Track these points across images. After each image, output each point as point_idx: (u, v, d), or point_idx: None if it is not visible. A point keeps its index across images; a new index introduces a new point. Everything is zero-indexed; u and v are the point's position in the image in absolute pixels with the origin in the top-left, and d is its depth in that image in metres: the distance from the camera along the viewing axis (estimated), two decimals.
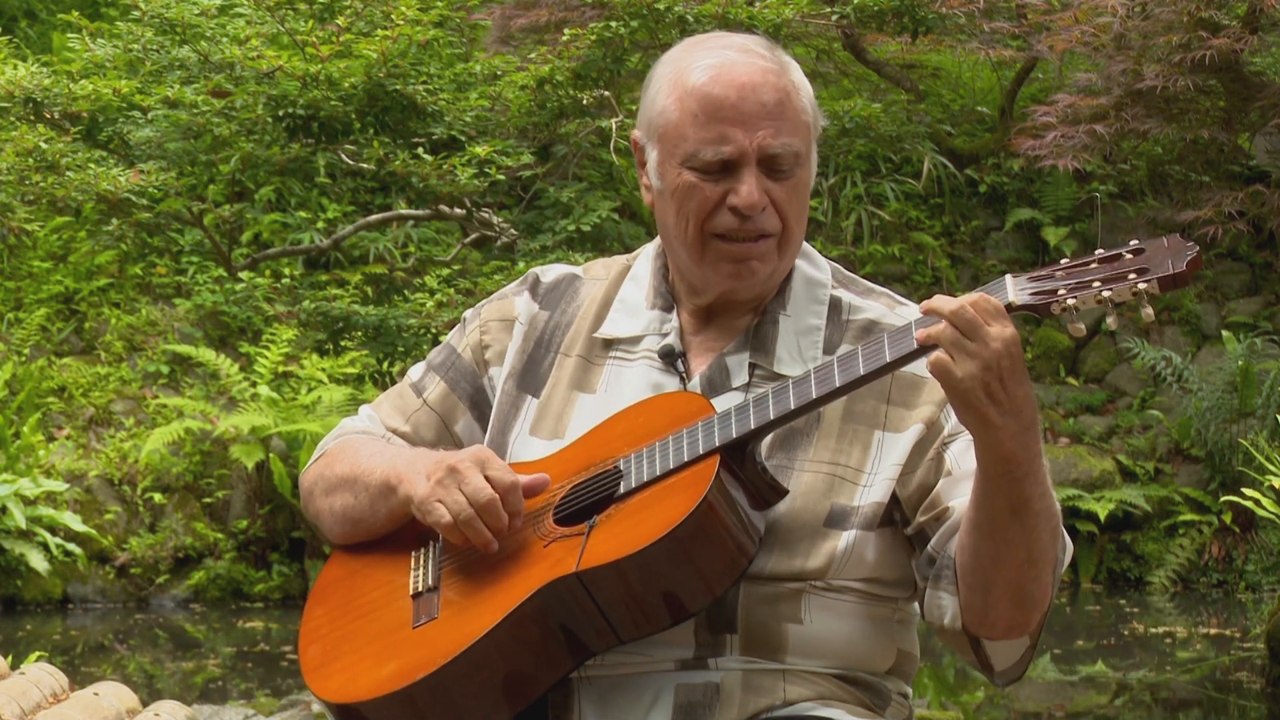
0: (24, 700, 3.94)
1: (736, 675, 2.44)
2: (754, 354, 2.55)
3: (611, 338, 2.62)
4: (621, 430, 2.50)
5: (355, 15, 9.69)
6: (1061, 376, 12.25)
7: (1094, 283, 2.28)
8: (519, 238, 10.65)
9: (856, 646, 2.50)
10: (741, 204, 2.47)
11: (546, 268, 2.75)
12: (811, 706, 2.45)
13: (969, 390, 2.27)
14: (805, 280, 2.60)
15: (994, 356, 2.26)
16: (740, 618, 2.44)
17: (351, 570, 2.62)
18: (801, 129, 2.52)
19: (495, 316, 2.71)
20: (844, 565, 2.46)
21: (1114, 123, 10.41)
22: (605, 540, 2.38)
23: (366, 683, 2.42)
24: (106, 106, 9.50)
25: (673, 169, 2.52)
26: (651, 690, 2.44)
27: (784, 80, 2.51)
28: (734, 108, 2.48)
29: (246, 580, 10.81)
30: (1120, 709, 8.45)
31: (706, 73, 2.50)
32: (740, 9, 9.60)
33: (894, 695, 2.57)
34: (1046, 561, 2.39)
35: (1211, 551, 11.13)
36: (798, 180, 2.51)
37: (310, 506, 2.70)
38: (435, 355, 2.74)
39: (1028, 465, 2.32)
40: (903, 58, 12.85)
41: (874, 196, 12.72)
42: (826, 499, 2.46)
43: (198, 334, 11.82)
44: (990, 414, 2.28)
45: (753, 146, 2.48)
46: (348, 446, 2.68)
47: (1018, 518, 2.34)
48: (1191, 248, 2.24)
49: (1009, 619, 2.43)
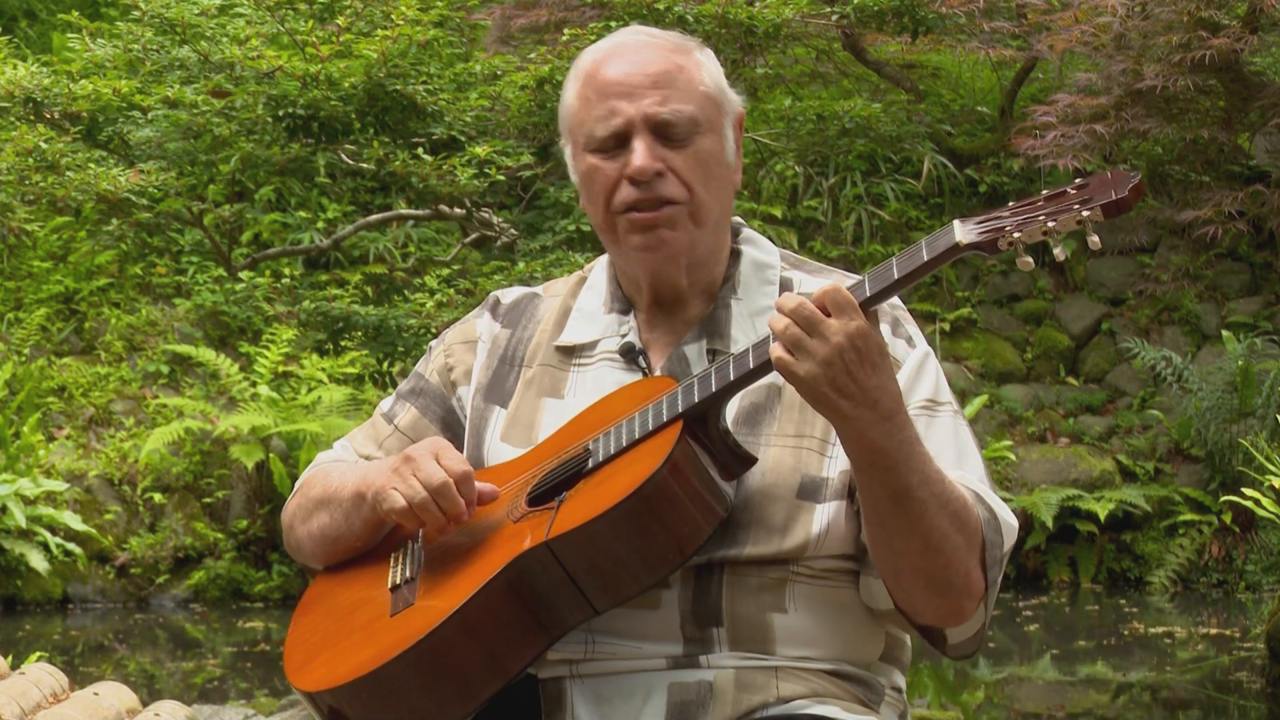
0: (24, 700, 3.94)
1: (729, 673, 2.44)
2: (710, 339, 2.57)
3: (571, 344, 2.65)
4: (593, 420, 2.53)
5: (355, 15, 9.69)
6: (1061, 376, 12.25)
7: (1039, 216, 2.29)
8: (519, 238, 10.65)
9: (844, 633, 2.50)
10: (634, 170, 2.49)
11: (506, 290, 2.78)
12: (806, 704, 2.46)
13: (812, 386, 2.29)
14: (753, 264, 2.62)
15: (834, 351, 2.28)
16: (725, 610, 2.44)
17: (333, 584, 2.65)
18: (697, 97, 2.53)
19: (458, 340, 2.74)
20: (823, 540, 2.46)
21: (1114, 122, 10.41)
22: (573, 510, 2.40)
23: (344, 669, 2.44)
24: (106, 106, 9.50)
25: (580, 157, 2.56)
26: (644, 689, 2.45)
27: (677, 56, 2.55)
28: (619, 82, 2.52)
29: (246, 580, 10.81)
30: (1120, 709, 8.45)
31: (597, 55, 2.57)
32: (740, 9, 9.59)
33: (887, 690, 2.57)
34: (954, 548, 2.38)
35: (1211, 551, 11.13)
36: (699, 148, 2.52)
37: (292, 539, 2.73)
38: (404, 385, 2.77)
39: (897, 453, 2.32)
40: (903, 58, 12.85)
41: (874, 196, 12.71)
42: (796, 472, 2.47)
43: (198, 334, 11.82)
44: (842, 406, 2.29)
45: (639, 115, 2.50)
46: (319, 473, 2.71)
47: (900, 506, 2.35)
48: (1134, 175, 2.26)
49: (934, 606, 2.43)
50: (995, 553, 2.43)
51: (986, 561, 2.42)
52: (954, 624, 2.46)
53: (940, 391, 2.54)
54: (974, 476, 2.49)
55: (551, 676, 2.49)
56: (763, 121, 12.40)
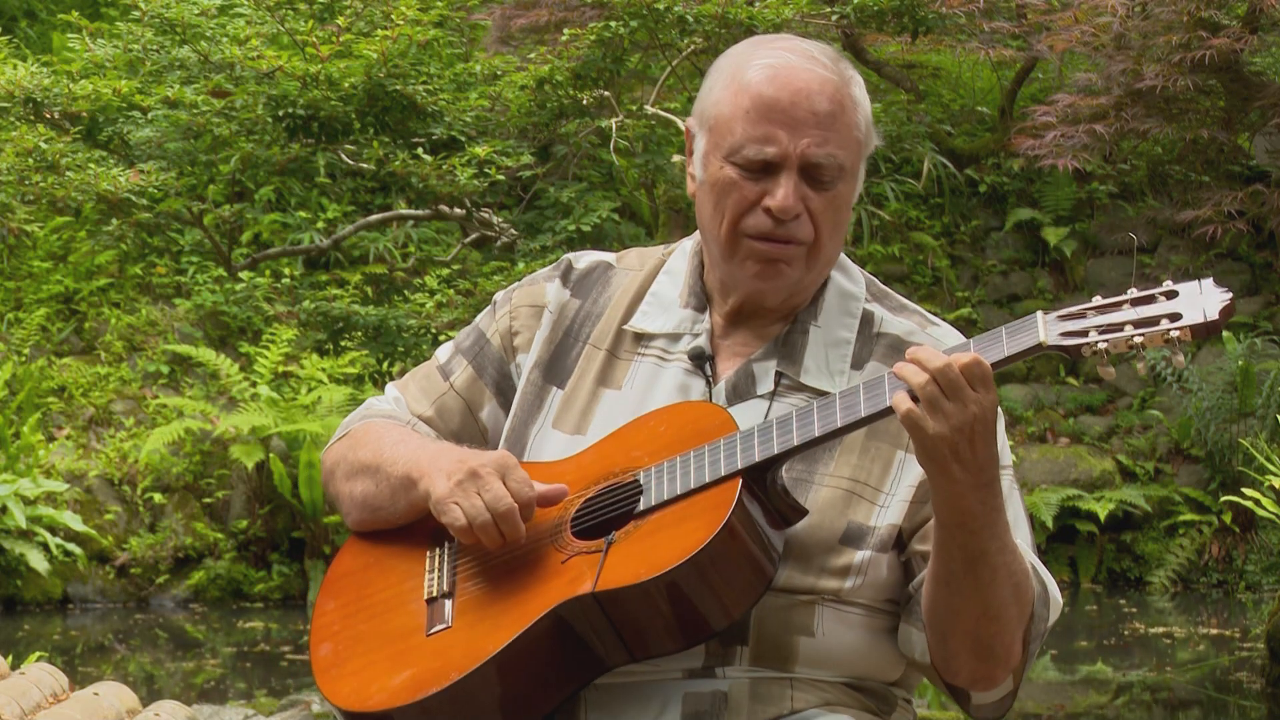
0: (24, 700, 3.94)
1: (744, 683, 2.43)
2: (781, 362, 2.53)
3: (641, 331, 2.60)
4: (643, 438, 2.48)
5: (355, 15, 9.70)
6: (1061, 376, 12.25)
7: (1125, 326, 2.28)
8: (519, 238, 10.65)
9: (866, 658, 2.50)
10: (776, 207, 2.46)
11: (580, 254, 2.73)
12: (818, 713, 2.45)
13: (936, 447, 2.29)
14: (839, 292, 2.58)
15: (969, 420, 2.28)
16: (752, 629, 2.43)
17: (365, 563, 2.61)
18: (850, 143, 2.49)
19: (526, 302, 2.68)
20: (858, 586, 2.45)
21: (1114, 122, 10.41)
22: (624, 560, 2.36)
23: (378, 691, 2.42)
24: (106, 106, 9.50)
25: (716, 161, 2.50)
26: (659, 698, 2.44)
27: (842, 93, 2.49)
28: (784, 110, 2.46)
29: (246, 580, 10.81)
30: (1120, 709, 8.45)
31: (764, 71, 2.48)
32: (740, 9, 9.59)
33: (899, 700, 2.57)
34: (1008, 618, 2.39)
35: (1211, 551, 11.13)
36: (838, 194, 2.49)
37: (331, 487, 2.70)
38: (464, 338, 2.72)
39: (984, 519, 2.33)
40: (903, 58, 12.85)
41: (874, 196, 12.71)
42: (844, 516, 2.45)
43: (198, 334, 11.82)
44: (953, 470, 2.30)
45: (796, 152, 2.46)
46: (372, 431, 2.66)
47: (972, 570, 2.35)
48: (1225, 293, 2.24)
49: (970, 670, 2.43)
50: (1040, 627, 2.45)
51: (1030, 635, 2.43)
52: (982, 689, 2.46)
53: (1004, 454, 2.51)
54: (1025, 544, 2.48)
55: None
56: None
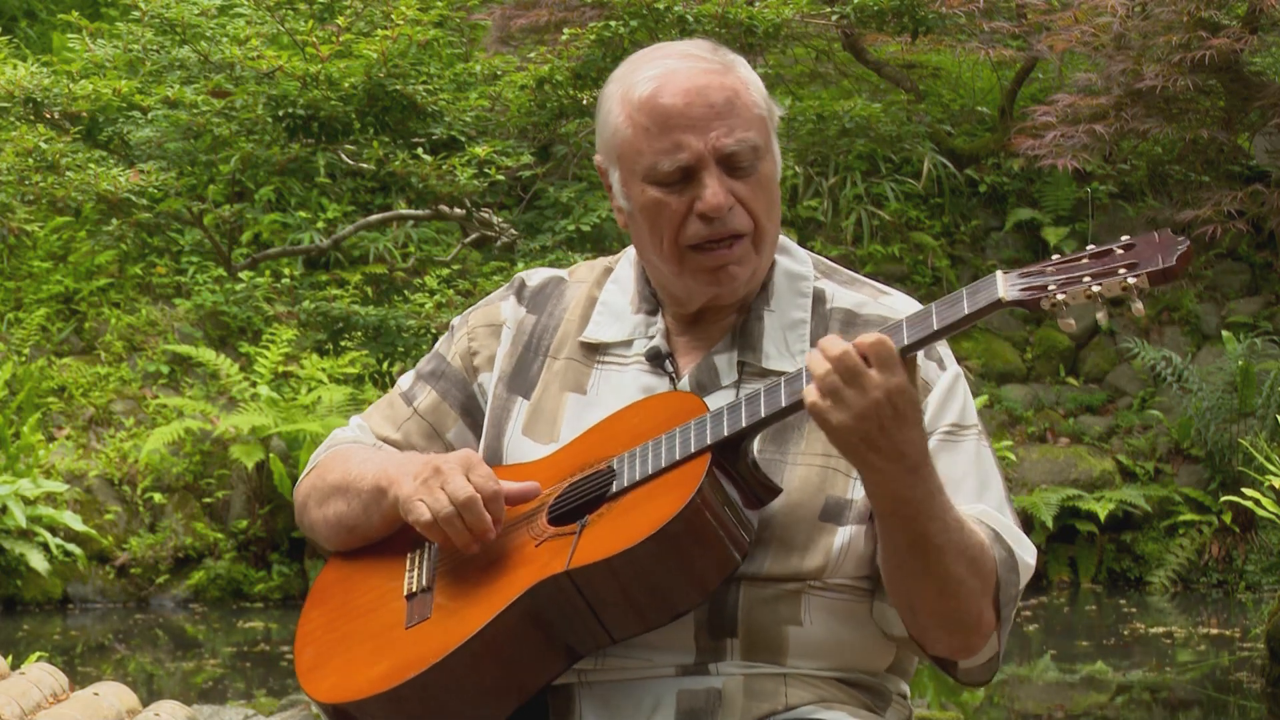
0: (24, 700, 3.94)
1: (738, 680, 2.44)
2: (741, 352, 2.54)
3: (597, 341, 2.61)
4: (616, 431, 2.49)
5: (355, 15, 9.69)
6: (1061, 376, 12.25)
7: (1084, 278, 2.27)
8: (519, 238, 10.65)
9: (857, 645, 2.50)
10: (708, 208, 2.46)
11: (531, 272, 2.74)
12: (813, 710, 2.45)
13: (845, 439, 2.28)
14: (787, 274, 2.59)
15: (872, 406, 2.26)
16: (740, 621, 2.44)
17: (348, 573, 2.62)
18: (756, 122, 2.49)
19: (482, 323, 2.70)
20: (841, 563, 2.46)
21: (1114, 122, 10.41)
22: (596, 539, 2.37)
23: (358, 682, 2.42)
24: (106, 106, 9.50)
25: (636, 187, 2.50)
26: (652, 696, 2.44)
27: (729, 78, 2.49)
28: (682, 114, 2.46)
29: (246, 580, 10.81)
30: (1120, 709, 8.45)
31: (651, 84, 2.48)
32: (740, 9, 9.59)
33: (894, 696, 2.57)
34: (968, 592, 2.38)
35: (1211, 551, 11.13)
36: (761, 175, 2.49)
37: (305, 519, 2.70)
38: (424, 364, 2.73)
39: (918, 505, 2.32)
40: (903, 58, 12.85)
41: (874, 196, 12.71)
42: (821, 492, 2.46)
43: (198, 334, 11.82)
44: (871, 459, 2.29)
45: (708, 149, 2.46)
46: (338, 456, 2.67)
47: (917, 554, 2.35)
48: (1182, 242, 2.24)
49: (945, 643, 2.44)
50: (1010, 591, 2.44)
51: (1000, 600, 2.42)
52: (963, 657, 2.46)
53: (966, 415, 2.52)
54: (994, 505, 2.47)
55: (560, 684, 2.47)
56: None
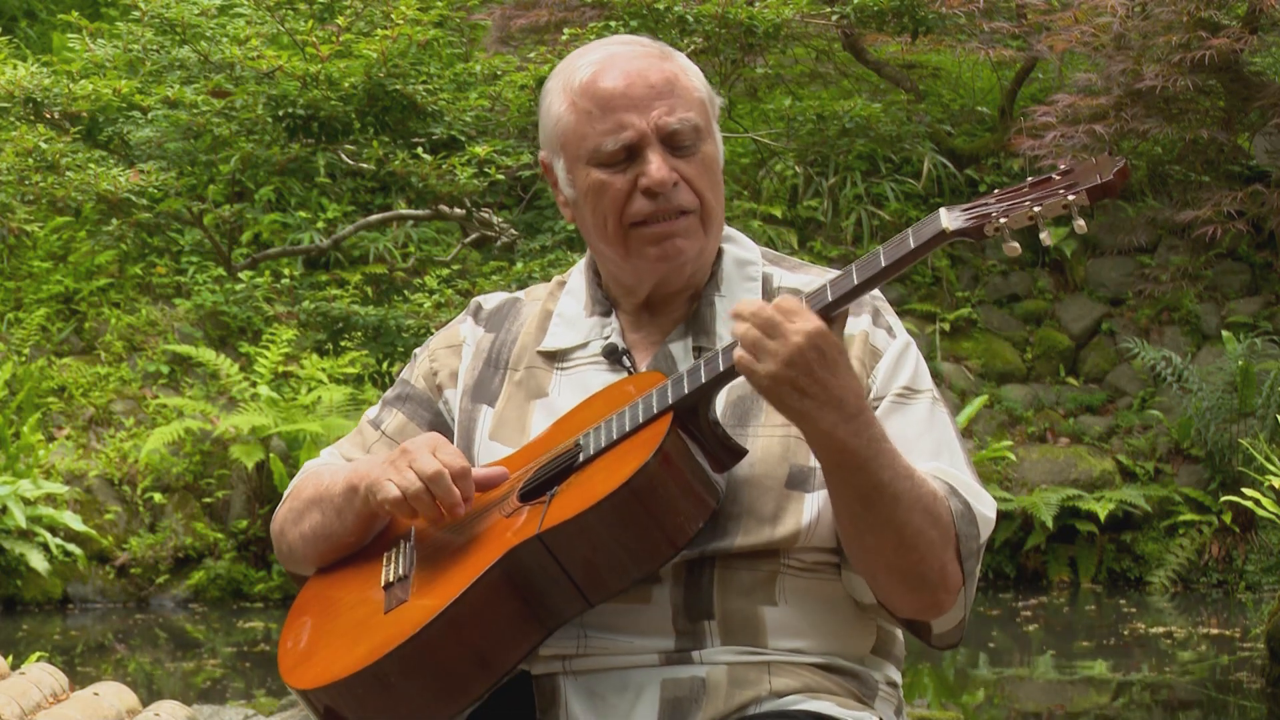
0: (24, 700, 3.94)
1: (722, 669, 2.46)
2: (696, 337, 2.58)
3: (554, 350, 2.65)
4: (582, 417, 2.54)
5: (355, 15, 9.69)
6: (1061, 376, 12.25)
7: (1025, 202, 2.31)
8: (519, 238, 10.65)
9: (834, 626, 2.52)
10: (652, 183, 2.51)
11: (487, 296, 2.79)
12: (799, 699, 2.47)
13: (776, 390, 2.32)
14: (735, 261, 2.64)
15: (796, 351, 2.30)
16: (716, 603, 2.46)
17: (326, 584, 2.65)
18: (696, 104, 2.55)
19: (442, 344, 2.75)
20: (813, 530, 2.47)
21: (1114, 123, 10.42)
22: (565, 503, 2.40)
23: (338, 667, 2.44)
24: (106, 106, 9.49)
25: (581, 171, 2.56)
26: (636, 685, 2.46)
27: (669, 63, 2.56)
28: (624, 94, 2.52)
29: (246, 580, 10.81)
30: (1120, 709, 8.45)
31: (591, 69, 2.55)
32: (740, 9, 9.59)
33: (881, 685, 2.57)
34: (928, 543, 2.39)
35: (1211, 551, 11.13)
36: (704, 155, 2.54)
37: (283, 544, 2.73)
38: (390, 393, 2.77)
39: (865, 451, 2.34)
40: (903, 58, 12.86)
41: (874, 196, 12.71)
42: (785, 461, 2.48)
43: (198, 334, 11.82)
44: (806, 407, 2.32)
45: (650, 126, 2.51)
46: (310, 476, 2.72)
47: (870, 505, 2.37)
48: (1119, 160, 2.28)
49: (910, 601, 2.45)
50: (971, 544, 2.44)
51: (962, 554, 2.43)
52: (933, 616, 2.47)
53: (918, 379, 2.55)
54: (950, 465, 2.49)
55: (545, 673, 2.50)
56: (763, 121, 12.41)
